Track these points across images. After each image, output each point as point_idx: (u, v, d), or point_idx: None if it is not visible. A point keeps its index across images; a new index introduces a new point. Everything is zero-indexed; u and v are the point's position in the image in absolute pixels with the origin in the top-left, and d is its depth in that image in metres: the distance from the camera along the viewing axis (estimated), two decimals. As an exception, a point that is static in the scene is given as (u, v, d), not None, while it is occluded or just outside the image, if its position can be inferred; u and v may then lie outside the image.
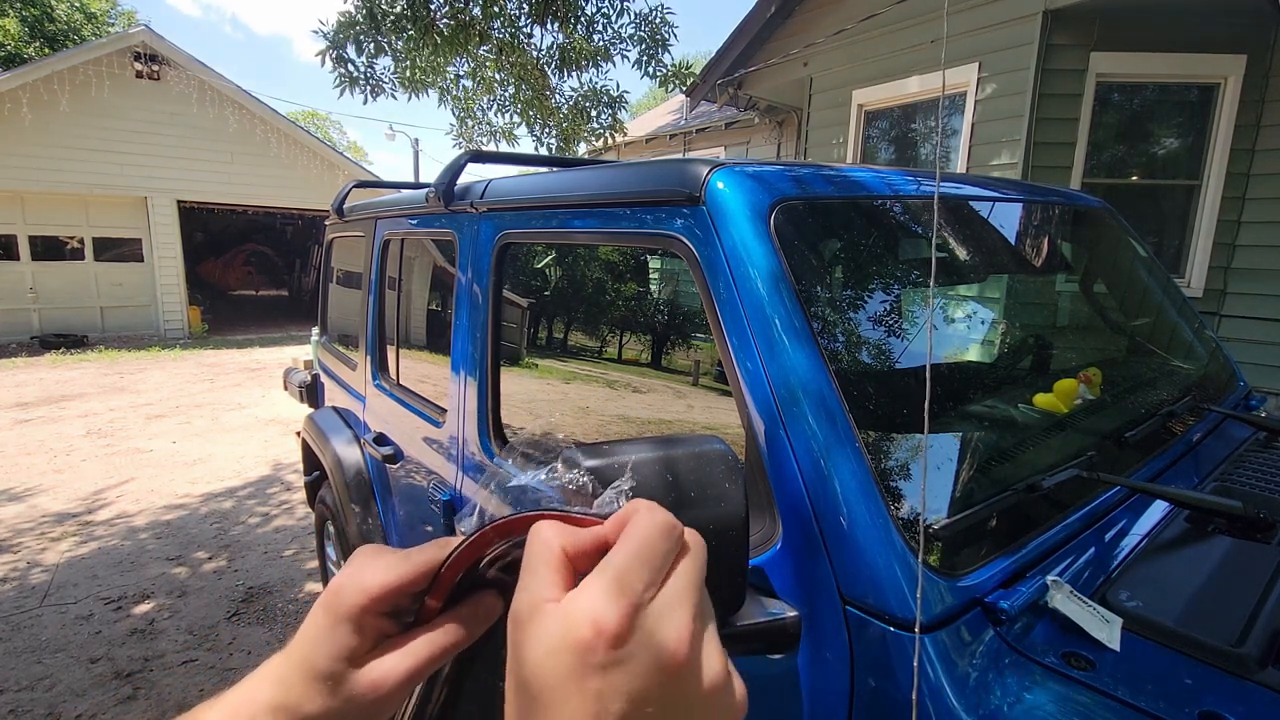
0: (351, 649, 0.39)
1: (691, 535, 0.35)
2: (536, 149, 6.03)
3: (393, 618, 0.41)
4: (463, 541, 0.39)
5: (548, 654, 0.29)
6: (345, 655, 0.39)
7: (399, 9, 4.58)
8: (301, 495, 4.61)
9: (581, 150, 6.37)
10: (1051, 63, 4.69)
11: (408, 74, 5.16)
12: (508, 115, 5.92)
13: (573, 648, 0.29)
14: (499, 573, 0.42)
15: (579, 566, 0.33)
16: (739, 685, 0.33)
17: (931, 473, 0.94)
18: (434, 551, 0.41)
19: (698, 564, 0.34)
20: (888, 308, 1.17)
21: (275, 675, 0.40)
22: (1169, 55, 4.64)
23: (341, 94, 4.91)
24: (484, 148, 6.17)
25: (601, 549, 0.33)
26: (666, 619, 0.30)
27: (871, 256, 1.24)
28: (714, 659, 0.31)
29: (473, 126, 6.18)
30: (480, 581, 0.42)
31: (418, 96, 5.35)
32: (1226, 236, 4.75)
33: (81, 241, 11.72)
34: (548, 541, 0.34)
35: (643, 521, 0.33)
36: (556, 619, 0.30)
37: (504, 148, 6.14)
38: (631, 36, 5.50)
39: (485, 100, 5.91)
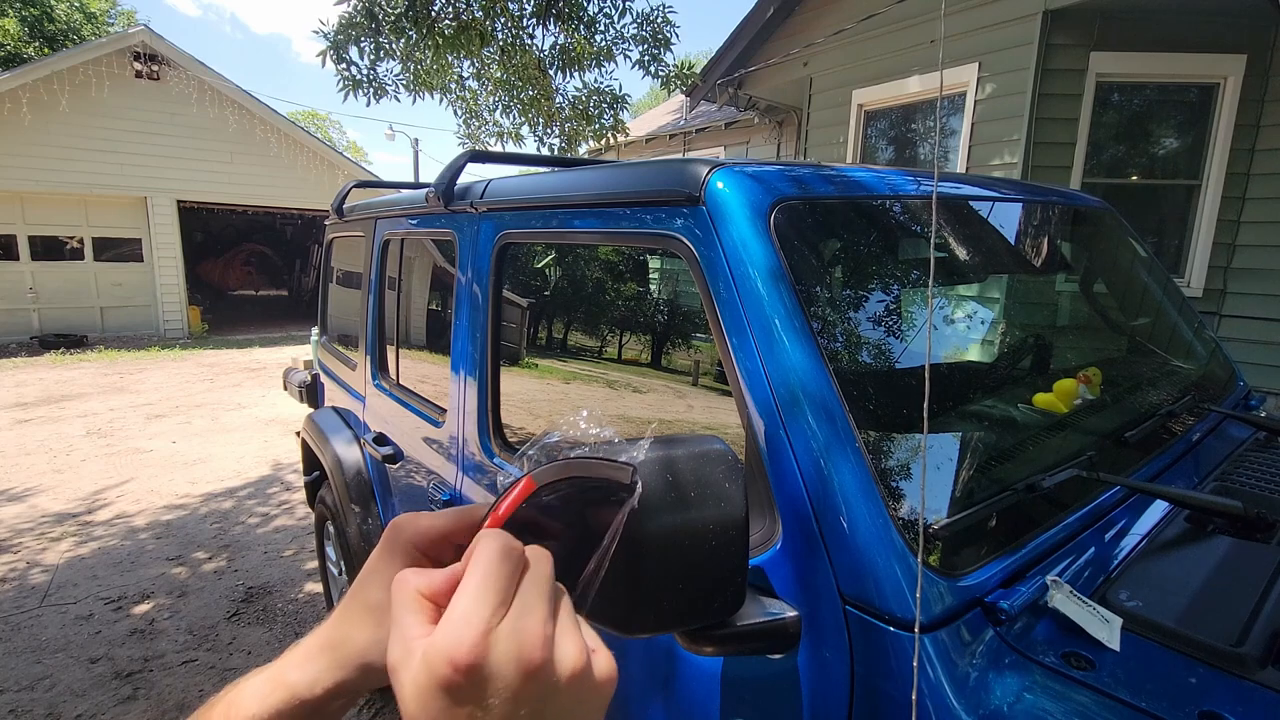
0: None
1: (533, 551, 0.37)
2: (539, 149, 6.02)
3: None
4: (503, 493, 0.41)
5: (422, 697, 0.31)
6: None
7: (399, 9, 4.57)
8: (301, 495, 4.61)
9: (583, 150, 6.36)
10: (1051, 63, 4.69)
11: (412, 76, 5.15)
12: (510, 116, 5.91)
13: (439, 687, 0.31)
14: (540, 515, 0.43)
15: (440, 603, 0.35)
16: (601, 663, 0.36)
17: (931, 472, 0.94)
18: (483, 509, 0.44)
19: (540, 574, 0.36)
20: (887, 307, 1.17)
21: (331, 618, 0.43)
22: (1169, 55, 4.64)
23: (346, 98, 4.90)
24: (490, 148, 6.17)
25: (456, 583, 0.35)
26: (519, 631, 0.33)
27: (871, 256, 1.24)
28: (569, 649, 0.34)
29: (479, 127, 6.17)
30: (522, 529, 0.43)
31: (421, 98, 5.34)
32: (1226, 236, 4.75)
33: (81, 241, 11.70)
34: (406, 588, 0.36)
35: (482, 553, 0.35)
36: (422, 663, 0.32)
37: (510, 148, 6.14)
38: (634, 37, 5.49)
39: (490, 101, 5.90)
